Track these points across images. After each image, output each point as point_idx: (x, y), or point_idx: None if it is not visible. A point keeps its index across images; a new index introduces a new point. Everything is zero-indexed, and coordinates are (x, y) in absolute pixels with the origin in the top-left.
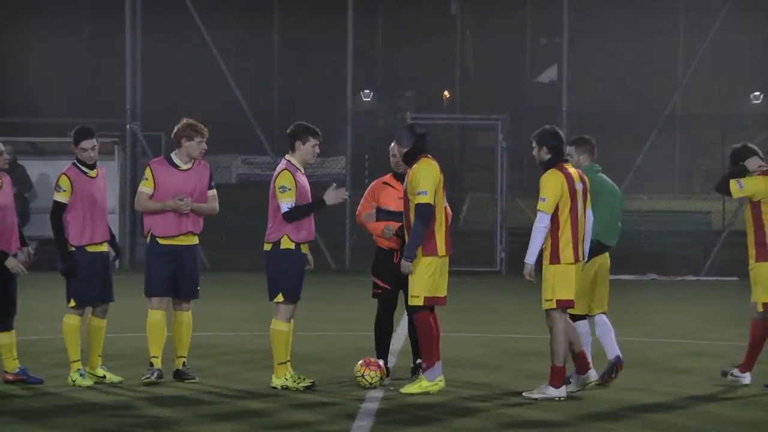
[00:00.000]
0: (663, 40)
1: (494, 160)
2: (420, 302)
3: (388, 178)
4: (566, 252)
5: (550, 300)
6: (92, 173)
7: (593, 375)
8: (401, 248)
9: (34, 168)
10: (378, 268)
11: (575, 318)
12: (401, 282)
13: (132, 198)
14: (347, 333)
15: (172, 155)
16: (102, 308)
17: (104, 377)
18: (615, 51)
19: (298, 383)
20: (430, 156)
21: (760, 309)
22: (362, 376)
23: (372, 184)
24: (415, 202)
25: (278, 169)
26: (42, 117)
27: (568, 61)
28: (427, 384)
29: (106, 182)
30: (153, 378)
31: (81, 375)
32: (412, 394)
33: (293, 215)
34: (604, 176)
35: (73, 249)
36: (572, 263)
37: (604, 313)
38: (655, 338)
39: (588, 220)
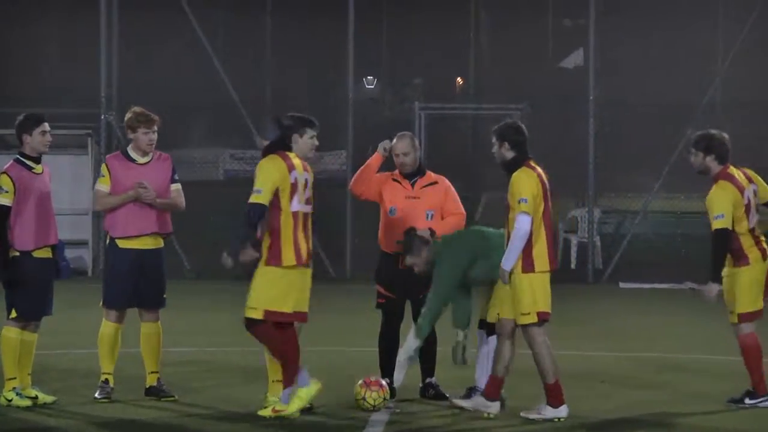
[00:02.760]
0: (701, 21)
1: None
2: (258, 315)
3: (396, 173)
4: (541, 259)
5: (529, 314)
6: (38, 168)
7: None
8: (404, 253)
9: (1, 162)
10: (382, 274)
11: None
12: (408, 290)
13: None
14: (348, 348)
15: (128, 149)
16: (36, 322)
17: (36, 397)
18: (647, 33)
19: None
20: (289, 153)
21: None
22: (363, 398)
23: (378, 174)
24: (249, 200)
25: None
26: (9, 107)
27: (595, 44)
28: (282, 407)
29: (50, 181)
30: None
31: (18, 394)
32: (266, 418)
33: None
34: None
35: (17, 255)
36: (548, 271)
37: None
38: (695, 354)
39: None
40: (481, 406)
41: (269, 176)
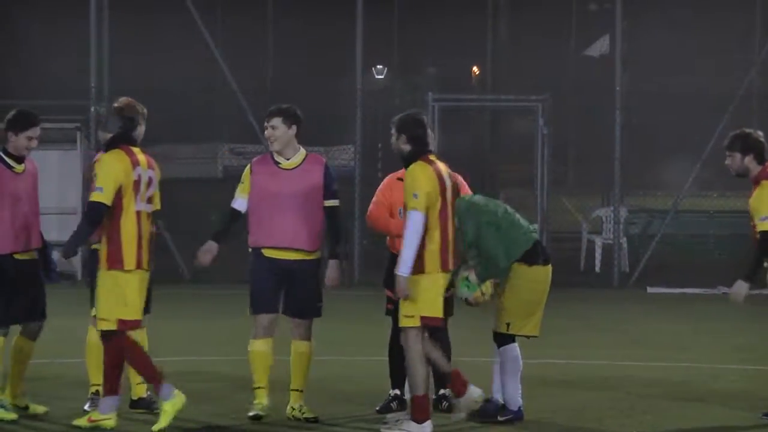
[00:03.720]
0: (737, 4)
1: (533, 150)
2: (112, 326)
3: (402, 172)
4: (433, 260)
5: (412, 317)
6: (19, 168)
7: (476, 391)
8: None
9: None
10: (391, 279)
11: (507, 340)
12: None
13: None
14: (356, 357)
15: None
16: (33, 328)
17: (26, 408)
18: (678, 18)
19: (304, 413)
20: (133, 147)
21: None
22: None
23: (385, 180)
24: (89, 198)
25: None
26: None
27: (622, 30)
28: (99, 416)
29: (37, 178)
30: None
31: (3, 407)
32: (80, 428)
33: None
34: None
35: None
36: (440, 272)
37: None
38: (728, 364)
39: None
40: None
41: (111, 173)
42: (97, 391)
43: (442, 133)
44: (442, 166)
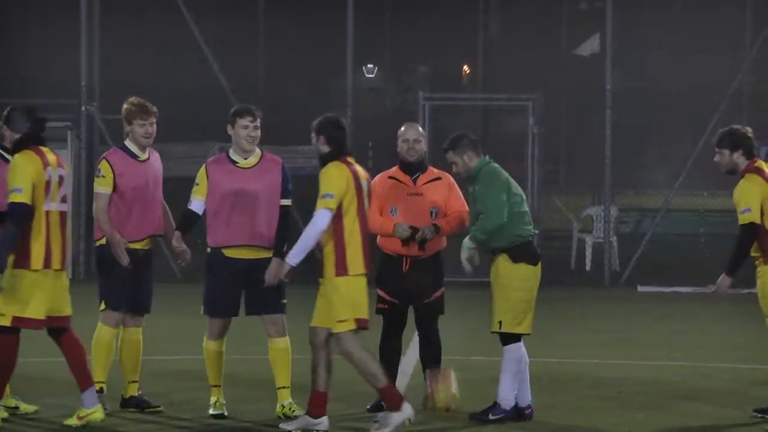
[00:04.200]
0: (727, 5)
1: (524, 149)
2: (5, 322)
3: (394, 171)
4: (356, 261)
5: (346, 321)
6: None
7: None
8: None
9: None
10: (382, 278)
11: (510, 339)
12: (412, 296)
13: (88, 194)
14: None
15: (127, 143)
16: None
17: (17, 408)
18: (669, 17)
19: (293, 411)
20: (42, 147)
21: None
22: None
23: (375, 179)
24: (9, 200)
25: None
26: None
27: (612, 29)
28: (86, 412)
29: None
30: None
31: None
32: (71, 427)
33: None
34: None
35: None
36: (362, 274)
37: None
38: (718, 363)
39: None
40: (309, 425)
41: (26, 173)
42: (101, 388)
43: (434, 133)
44: (359, 169)
